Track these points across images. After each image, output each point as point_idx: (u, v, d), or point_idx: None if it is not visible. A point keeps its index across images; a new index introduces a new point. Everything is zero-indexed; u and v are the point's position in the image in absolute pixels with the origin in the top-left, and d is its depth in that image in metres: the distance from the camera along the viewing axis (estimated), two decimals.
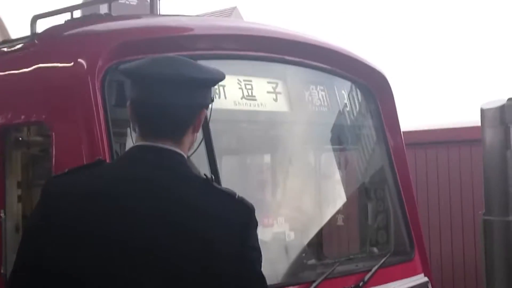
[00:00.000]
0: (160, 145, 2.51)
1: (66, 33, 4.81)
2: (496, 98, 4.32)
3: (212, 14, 41.96)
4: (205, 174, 2.55)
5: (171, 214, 2.38)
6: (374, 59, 5.82)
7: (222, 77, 2.71)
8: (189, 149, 2.63)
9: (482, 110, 4.31)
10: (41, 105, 4.42)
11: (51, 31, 4.93)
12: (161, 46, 4.60)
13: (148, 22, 5.10)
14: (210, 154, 4.56)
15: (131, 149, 2.60)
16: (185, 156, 2.57)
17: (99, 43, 4.49)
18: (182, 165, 2.53)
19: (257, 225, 2.51)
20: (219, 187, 2.54)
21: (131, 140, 4.52)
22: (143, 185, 2.43)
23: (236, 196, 2.50)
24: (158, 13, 5.80)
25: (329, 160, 5.96)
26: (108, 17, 5.14)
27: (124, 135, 4.43)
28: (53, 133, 4.23)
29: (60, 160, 4.17)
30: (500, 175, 4.28)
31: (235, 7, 48.96)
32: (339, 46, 5.61)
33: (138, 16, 5.39)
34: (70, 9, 6.18)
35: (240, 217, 2.46)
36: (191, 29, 4.91)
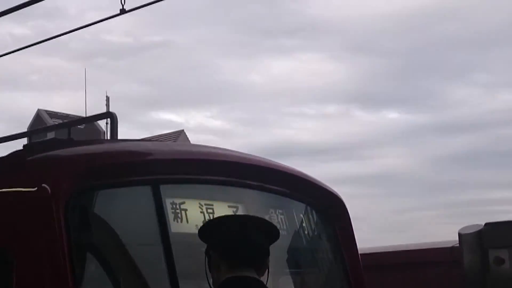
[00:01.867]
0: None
1: (29, 158, 4.84)
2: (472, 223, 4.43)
3: (161, 137, 42.48)
4: None
5: None
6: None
7: None
8: None
9: (460, 235, 4.41)
10: (4, 231, 4.39)
11: (13, 156, 4.96)
12: (124, 171, 4.66)
13: (110, 147, 5.17)
14: (172, 278, 4.55)
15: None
16: None
17: (63, 168, 4.53)
18: None
19: None
20: None
21: (93, 265, 4.53)
22: None
23: None
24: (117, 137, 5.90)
25: (287, 284, 5.96)
26: (69, 142, 5.20)
27: (86, 259, 4.42)
28: (15, 259, 4.19)
29: (22, 286, 4.12)
30: None
31: (182, 130, 49.80)
32: (297, 170, 5.73)
33: (99, 141, 5.47)
34: (27, 134, 6.21)
35: None
36: (153, 154, 4.98)
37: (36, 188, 4.37)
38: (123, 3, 7.90)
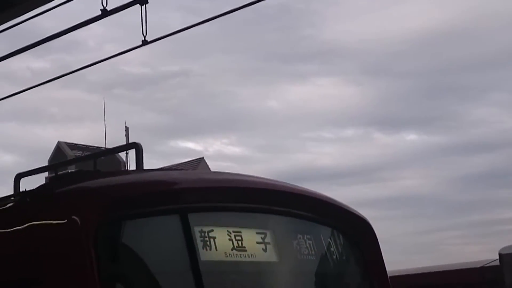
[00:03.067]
0: None
1: (57, 190, 4.88)
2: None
3: (181, 165, 42.55)
4: None
5: None
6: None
7: None
8: None
9: (501, 255, 4.37)
10: (35, 264, 4.42)
11: (42, 189, 5.00)
12: (152, 201, 4.69)
13: (137, 177, 5.20)
14: None
15: None
16: None
17: (92, 199, 4.56)
18: None
19: None
20: None
21: None
22: None
23: None
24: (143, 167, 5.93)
25: None
26: (97, 173, 5.23)
27: None
28: None
29: None
30: None
31: (202, 158, 49.96)
32: (323, 195, 5.73)
33: (126, 172, 5.51)
34: (53, 167, 6.26)
35: None
36: (180, 183, 5.01)
37: (65, 220, 4.40)
38: (144, 34, 7.98)
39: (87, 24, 8.55)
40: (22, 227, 4.67)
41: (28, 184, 6.66)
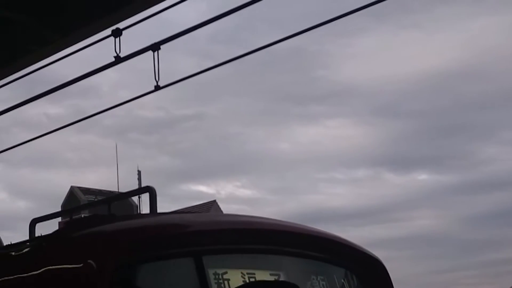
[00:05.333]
0: None
1: (73, 235, 4.95)
2: None
3: (193, 208, 42.61)
4: None
5: None
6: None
7: None
8: None
9: None
10: None
11: (58, 233, 5.06)
12: (167, 244, 4.74)
13: (152, 220, 5.26)
14: None
15: None
16: None
17: (107, 243, 4.62)
18: None
19: None
20: None
21: None
22: None
23: None
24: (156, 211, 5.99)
25: None
26: (112, 217, 5.30)
27: None
28: None
29: None
30: None
31: (214, 200, 49.99)
32: (336, 235, 5.77)
33: (140, 215, 5.58)
34: (68, 211, 6.33)
35: None
36: (194, 226, 5.06)
37: (82, 263, 4.45)
38: (157, 79, 8.11)
39: (101, 70, 8.70)
40: (38, 271, 4.72)
41: (42, 229, 6.73)
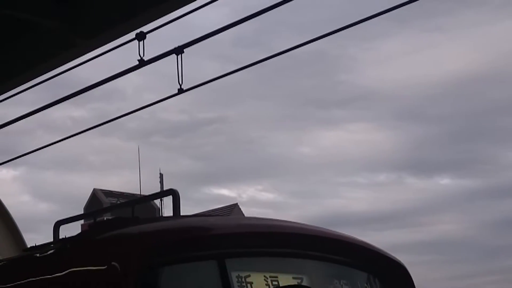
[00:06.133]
0: None
1: (97, 237, 4.98)
2: None
3: (215, 211, 42.63)
4: None
5: None
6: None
7: None
8: None
9: None
10: None
11: (82, 236, 5.10)
12: (190, 247, 4.76)
13: (175, 223, 5.28)
14: None
15: None
16: None
17: (132, 245, 4.65)
18: None
19: None
20: None
21: None
22: None
23: None
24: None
25: None
26: (135, 220, 5.32)
27: None
28: None
29: None
30: None
31: (236, 204, 50.02)
32: (359, 239, 5.76)
33: (164, 218, 5.59)
34: (92, 214, 6.37)
35: None
36: (218, 229, 5.08)
37: (106, 266, 4.48)
38: (180, 83, 8.14)
39: (125, 74, 8.74)
40: (63, 273, 4.76)
41: (66, 231, 6.78)
